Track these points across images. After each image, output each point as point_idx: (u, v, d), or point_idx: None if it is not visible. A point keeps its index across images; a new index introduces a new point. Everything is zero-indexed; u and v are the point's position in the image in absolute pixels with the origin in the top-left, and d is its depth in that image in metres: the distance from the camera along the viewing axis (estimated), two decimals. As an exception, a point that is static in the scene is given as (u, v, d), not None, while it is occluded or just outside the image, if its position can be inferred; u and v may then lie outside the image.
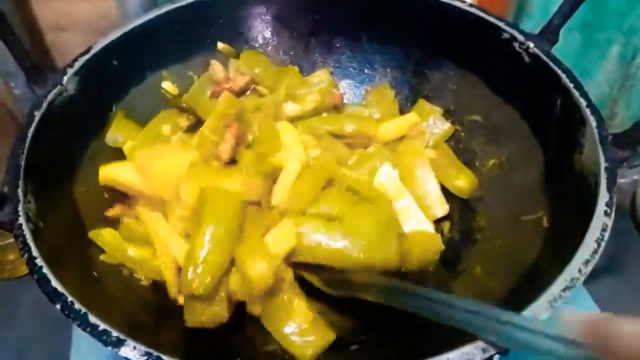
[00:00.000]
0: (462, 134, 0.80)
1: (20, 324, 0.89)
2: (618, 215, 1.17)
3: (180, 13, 0.78)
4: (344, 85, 0.88)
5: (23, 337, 0.87)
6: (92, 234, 0.63)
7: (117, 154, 0.74)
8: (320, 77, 0.84)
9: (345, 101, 0.85)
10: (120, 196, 0.71)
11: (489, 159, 0.76)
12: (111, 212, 0.68)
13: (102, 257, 0.62)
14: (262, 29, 0.86)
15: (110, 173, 0.69)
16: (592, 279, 0.94)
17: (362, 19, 0.84)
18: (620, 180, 1.19)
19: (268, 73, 0.82)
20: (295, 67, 0.85)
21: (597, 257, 0.50)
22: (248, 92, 0.82)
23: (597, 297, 0.91)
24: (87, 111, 0.70)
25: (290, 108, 0.78)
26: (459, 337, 0.44)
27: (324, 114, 0.80)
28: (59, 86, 0.66)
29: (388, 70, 0.86)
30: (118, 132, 0.75)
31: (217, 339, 0.59)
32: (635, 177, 1.17)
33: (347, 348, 0.60)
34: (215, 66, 0.82)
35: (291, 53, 0.88)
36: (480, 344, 0.44)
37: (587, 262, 0.49)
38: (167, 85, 0.81)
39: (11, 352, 0.85)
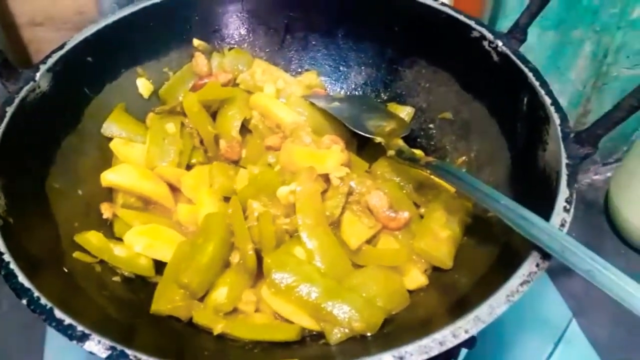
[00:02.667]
0: (434, 131, 0.81)
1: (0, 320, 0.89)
2: (592, 211, 1.20)
3: (155, 9, 0.79)
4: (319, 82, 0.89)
5: (1, 333, 0.88)
6: (78, 238, 0.64)
7: (93, 151, 0.74)
8: (309, 78, 0.86)
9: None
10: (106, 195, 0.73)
11: (459, 156, 0.77)
12: (107, 214, 0.70)
13: (75, 254, 0.62)
14: (237, 25, 0.86)
15: (111, 179, 0.71)
16: (564, 274, 0.96)
17: (338, 16, 0.85)
18: (595, 177, 1.23)
19: (251, 73, 0.83)
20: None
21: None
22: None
23: (569, 293, 0.93)
24: (61, 107, 0.71)
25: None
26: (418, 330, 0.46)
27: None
28: (31, 82, 0.66)
29: (362, 67, 0.87)
30: (114, 124, 0.76)
31: (187, 335, 0.59)
32: (609, 175, 1.19)
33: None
34: (199, 59, 0.83)
35: (267, 50, 0.88)
36: (437, 336, 0.45)
37: (545, 255, 0.50)
38: (141, 83, 0.81)
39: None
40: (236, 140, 0.77)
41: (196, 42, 0.84)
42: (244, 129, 0.79)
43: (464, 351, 0.71)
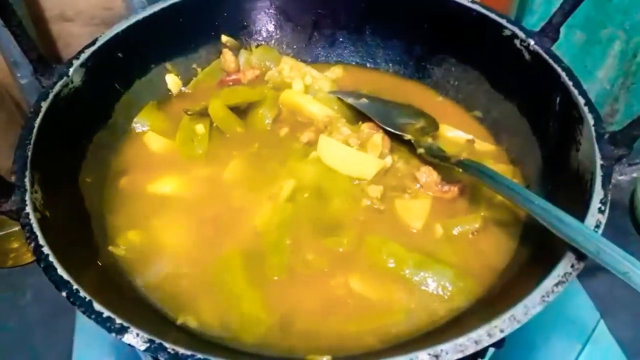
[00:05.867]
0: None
1: (24, 310, 0.91)
2: (617, 212, 1.19)
3: (184, 6, 0.79)
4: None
5: (27, 322, 0.89)
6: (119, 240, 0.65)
7: (122, 146, 0.75)
8: (335, 72, 0.87)
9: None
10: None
11: (488, 154, 0.77)
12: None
13: (110, 247, 0.63)
14: (265, 22, 0.87)
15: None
16: (589, 275, 0.96)
17: (365, 13, 0.85)
18: (620, 178, 1.22)
19: (279, 70, 0.84)
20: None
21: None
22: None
23: (595, 293, 0.93)
24: (93, 102, 0.72)
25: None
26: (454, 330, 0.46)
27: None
28: (65, 78, 0.67)
29: (390, 64, 0.87)
30: (145, 120, 0.78)
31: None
32: (635, 175, 1.18)
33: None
34: (227, 56, 0.84)
35: (294, 47, 0.89)
36: (473, 335, 0.45)
37: (579, 257, 0.50)
38: (170, 79, 0.82)
39: (16, 337, 0.87)
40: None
41: (224, 38, 0.85)
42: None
43: (491, 350, 0.71)
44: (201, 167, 0.73)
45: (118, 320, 0.46)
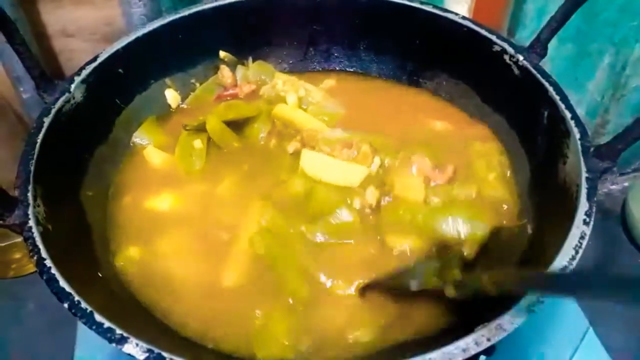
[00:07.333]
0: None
1: (25, 321, 0.92)
2: (609, 221, 1.20)
3: (183, 23, 0.81)
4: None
5: (29, 333, 0.90)
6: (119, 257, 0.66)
7: (123, 160, 0.78)
8: (328, 84, 0.88)
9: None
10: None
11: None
12: None
13: (110, 260, 0.65)
14: (262, 38, 0.89)
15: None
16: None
17: (360, 29, 0.87)
18: (612, 187, 1.24)
19: (273, 84, 0.86)
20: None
21: (574, 263, 0.52)
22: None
23: (584, 301, 0.94)
24: (94, 118, 0.73)
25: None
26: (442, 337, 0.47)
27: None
28: (66, 94, 0.69)
29: (383, 79, 0.89)
30: (145, 134, 0.80)
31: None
32: (626, 184, 1.20)
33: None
34: (225, 71, 0.86)
35: (290, 61, 0.91)
36: (461, 343, 0.47)
37: (564, 268, 0.52)
38: (170, 94, 0.84)
39: (17, 348, 0.89)
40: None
41: (222, 54, 0.87)
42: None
43: (482, 358, 0.72)
44: (198, 183, 0.74)
45: (118, 331, 0.48)
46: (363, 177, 0.71)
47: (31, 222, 0.55)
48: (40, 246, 0.53)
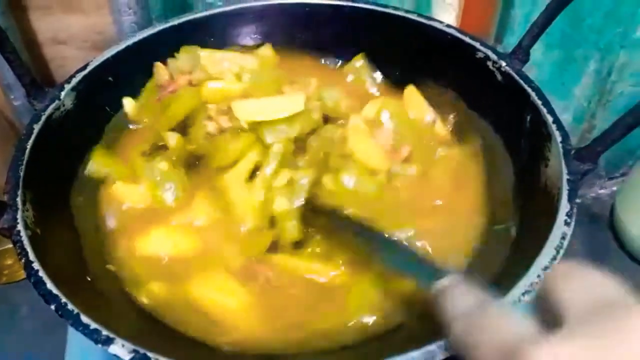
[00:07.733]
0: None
1: (18, 327, 0.92)
2: (597, 225, 1.21)
3: (172, 32, 0.82)
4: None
5: (22, 338, 0.91)
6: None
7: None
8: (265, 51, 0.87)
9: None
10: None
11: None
12: None
13: (99, 264, 0.65)
14: (251, 47, 0.90)
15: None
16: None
17: (344, 38, 0.88)
18: (600, 192, 1.25)
19: (202, 67, 0.79)
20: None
21: (555, 263, 0.53)
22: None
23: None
24: (84, 124, 0.74)
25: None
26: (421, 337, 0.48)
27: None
28: (56, 101, 0.70)
29: (371, 86, 0.90)
30: (98, 165, 0.73)
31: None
32: (614, 189, 1.21)
33: None
34: (159, 69, 0.80)
35: (277, 69, 0.91)
36: (443, 343, 0.48)
37: (546, 268, 0.53)
38: (127, 102, 0.80)
39: (11, 354, 0.89)
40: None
41: None
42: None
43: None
44: (177, 213, 0.69)
45: (104, 332, 0.48)
46: (304, 99, 0.69)
47: (20, 226, 0.56)
48: (28, 249, 0.54)
